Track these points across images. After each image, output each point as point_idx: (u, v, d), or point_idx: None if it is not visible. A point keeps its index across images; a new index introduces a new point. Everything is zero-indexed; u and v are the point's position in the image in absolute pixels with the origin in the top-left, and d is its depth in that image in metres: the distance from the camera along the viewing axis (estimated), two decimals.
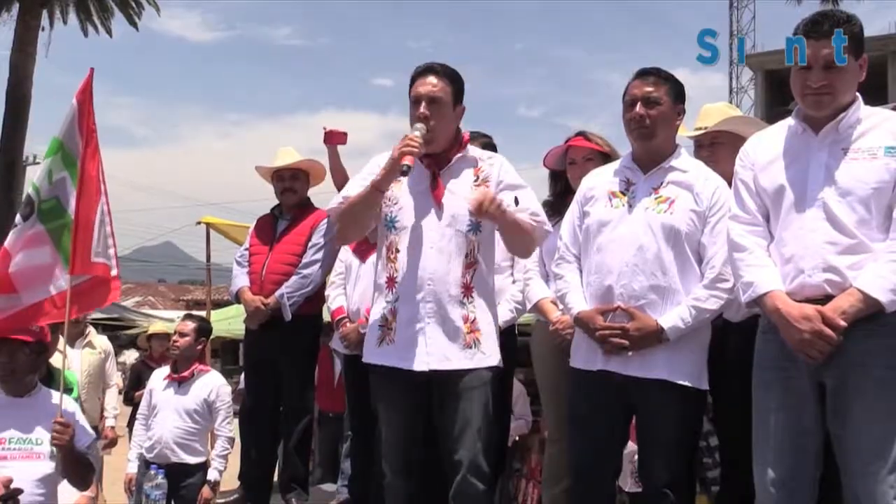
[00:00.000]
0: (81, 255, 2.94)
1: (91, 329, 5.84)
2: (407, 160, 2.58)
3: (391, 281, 2.74)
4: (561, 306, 2.92)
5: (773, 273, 2.28)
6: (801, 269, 2.22)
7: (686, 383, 2.58)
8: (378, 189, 2.68)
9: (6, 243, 2.93)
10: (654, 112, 2.63)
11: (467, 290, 2.69)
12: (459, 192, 2.72)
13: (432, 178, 2.76)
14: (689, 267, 2.62)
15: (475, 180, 2.75)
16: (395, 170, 2.62)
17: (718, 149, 3.03)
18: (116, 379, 5.76)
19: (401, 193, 2.76)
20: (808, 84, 2.24)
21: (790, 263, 2.25)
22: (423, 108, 2.69)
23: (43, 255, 2.94)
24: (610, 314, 2.62)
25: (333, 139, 4.09)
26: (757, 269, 2.29)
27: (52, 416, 2.82)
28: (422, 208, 2.73)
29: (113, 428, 5.47)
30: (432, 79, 2.73)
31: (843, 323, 2.13)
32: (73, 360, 5.47)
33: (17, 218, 2.97)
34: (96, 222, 2.99)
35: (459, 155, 2.78)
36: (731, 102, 20.48)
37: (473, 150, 2.84)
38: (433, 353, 2.66)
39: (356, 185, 2.78)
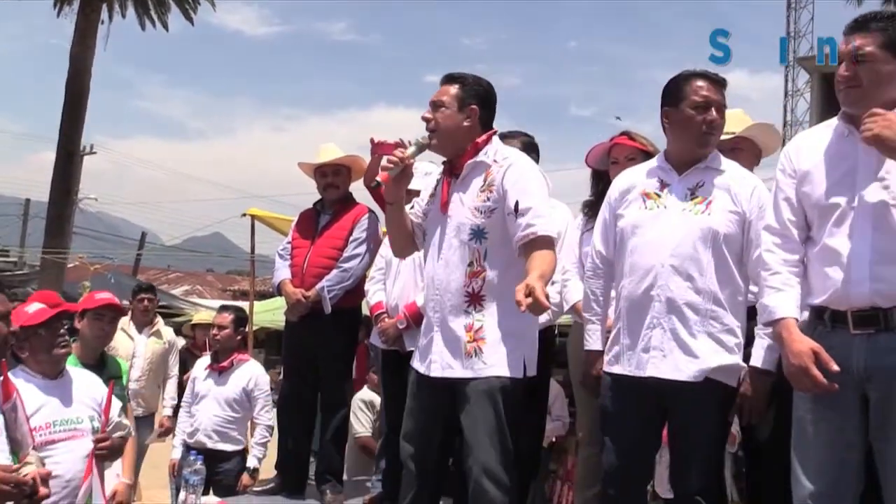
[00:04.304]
0: None
1: (160, 319, 5.96)
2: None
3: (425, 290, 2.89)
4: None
5: (791, 297, 2.24)
6: (847, 279, 2.14)
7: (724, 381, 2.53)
8: (388, 203, 2.87)
9: None
10: (722, 121, 2.65)
11: (474, 298, 2.69)
12: (466, 201, 2.74)
13: (444, 187, 2.81)
14: (726, 269, 2.55)
15: (482, 186, 2.74)
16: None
17: (739, 154, 2.99)
18: (176, 371, 5.89)
19: (431, 206, 2.86)
20: (838, 78, 2.21)
21: (836, 272, 2.17)
22: (425, 113, 2.79)
23: None
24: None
25: (382, 149, 4.06)
26: (775, 292, 2.26)
27: (85, 392, 2.93)
28: (436, 219, 2.82)
29: (169, 417, 5.58)
30: (441, 87, 2.82)
31: (835, 368, 2.08)
32: (139, 346, 5.60)
33: None
34: None
35: (472, 161, 2.77)
36: (786, 105, 19.91)
37: (493, 151, 2.77)
38: (436, 360, 2.73)
39: None
